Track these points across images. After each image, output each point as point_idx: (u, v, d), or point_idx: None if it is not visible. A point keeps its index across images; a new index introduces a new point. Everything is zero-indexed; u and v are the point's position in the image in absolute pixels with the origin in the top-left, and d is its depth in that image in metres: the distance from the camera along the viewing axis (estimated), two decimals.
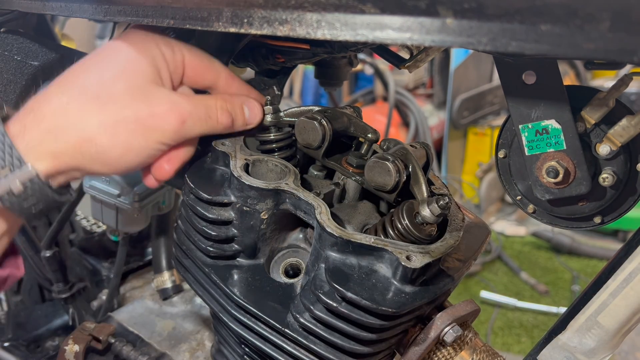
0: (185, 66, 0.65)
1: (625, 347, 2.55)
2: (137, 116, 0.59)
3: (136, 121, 0.59)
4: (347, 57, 0.91)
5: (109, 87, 0.59)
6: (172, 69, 0.64)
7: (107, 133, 0.59)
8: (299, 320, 0.59)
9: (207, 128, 0.65)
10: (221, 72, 0.68)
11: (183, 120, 0.62)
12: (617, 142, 0.57)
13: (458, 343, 0.64)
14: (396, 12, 0.40)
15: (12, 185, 0.57)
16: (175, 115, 0.61)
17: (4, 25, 0.87)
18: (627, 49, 0.33)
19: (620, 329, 0.60)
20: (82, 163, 0.60)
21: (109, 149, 0.59)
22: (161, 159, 0.64)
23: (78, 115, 0.58)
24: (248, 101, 0.70)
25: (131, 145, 0.60)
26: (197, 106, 0.64)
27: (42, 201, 0.60)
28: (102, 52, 0.63)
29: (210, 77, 0.67)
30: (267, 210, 0.64)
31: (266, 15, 0.47)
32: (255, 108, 0.70)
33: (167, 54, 0.63)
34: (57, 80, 0.62)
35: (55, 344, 1.32)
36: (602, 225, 0.65)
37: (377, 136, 0.69)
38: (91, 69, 0.61)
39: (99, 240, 1.40)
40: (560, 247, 3.49)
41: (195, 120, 0.63)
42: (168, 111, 0.61)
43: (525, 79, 0.58)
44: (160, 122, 0.60)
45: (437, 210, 0.58)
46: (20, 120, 0.59)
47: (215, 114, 0.65)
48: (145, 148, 0.61)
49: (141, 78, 0.60)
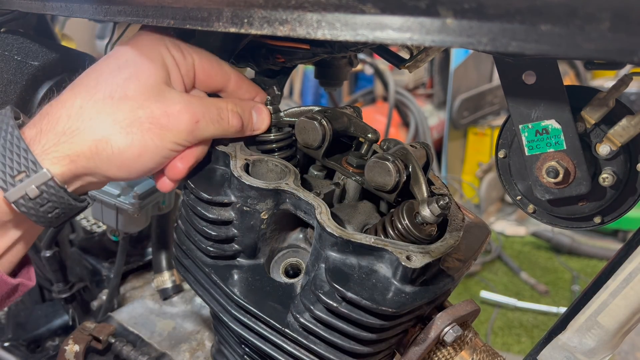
0: (196, 69, 0.65)
1: (625, 347, 2.55)
2: (152, 116, 0.59)
3: (151, 121, 0.59)
4: (347, 57, 0.91)
5: (123, 88, 0.59)
6: (184, 72, 0.64)
7: (122, 133, 0.59)
8: (299, 320, 0.59)
9: (220, 130, 0.65)
10: (231, 75, 0.68)
11: (196, 120, 0.62)
12: (617, 142, 0.57)
13: (458, 343, 0.64)
14: (396, 12, 0.40)
15: (27, 189, 0.57)
16: (189, 115, 0.61)
17: (4, 25, 0.87)
18: (627, 49, 0.33)
19: (620, 329, 0.60)
20: (98, 166, 0.60)
21: (124, 150, 0.59)
22: (174, 159, 0.64)
23: (93, 116, 0.58)
24: (257, 107, 0.70)
25: (147, 145, 0.60)
26: (210, 108, 0.64)
27: (59, 207, 0.60)
28: (114, 55, 0.63)
29: (220, 80, 0.68)
30: (267, 210, 0.64)
31: (266, 15, 0.47)
32: (263, 114, 0.70)
33: (178, 58, 0.63)
34: (71, 85, 0.62)
35: (55, 344, 1.32)
36: (602, 225, 0.65)
37: (377, 136, 0.69)
38: (104, 72, 0.61)
39: (99, 240, 1.40)
40: (560, 247, 3.49)
41: (208, 122, 0.63)
42: (182, 111, 0.61)
43: (525, 79, 0.58)
44: (175, 122, 0.61)
45: (437, 210, 0.58)
46: (35, 125, 0.59)
47: (227, 116, 0.65)
48: (161, 148, 0.61)
49: (154, 79, 0.61)
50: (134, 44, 0.63)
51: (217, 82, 0.68)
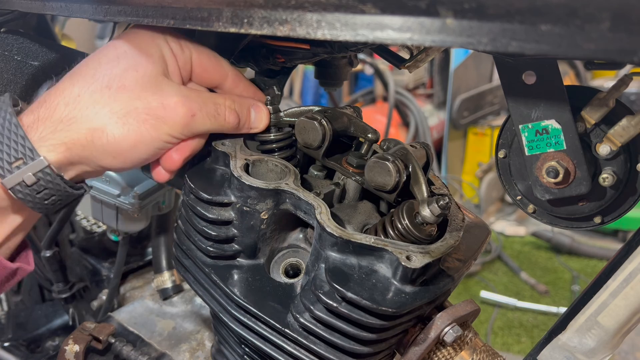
0: (193, 63, 0.65)
1: (625, 347, 2.55)
2: (148, 107, 0.60)
3: (147, 112, 0.60)
4: (347, 57, 0.91)
5: (120, 78, 0.60)
6: (182, 65, 0.64)
7: (119, 123, 0.59)
8: (299, 320, 0.59)
9: (216, 125, 0.65)
10: (228, 72, 0.68)
11: (193, 114, 0.62)
12: (617, 142, 0.57)
13: (458, 343, 0.64)
14: (396, 12, 0.40)
15: (24, 176, 0.57)
16: (186, 108, 0.61)
17: (4, 25, 0.87)
18: (627, 49, 0.33)
19: (620, 329, 0.60)
20: (93, 154, 0.60)
21: (120, 139, 0.59)
22: (170, 150, 0.65)
23: (90, 105, 0.59)
24: (256, 105, 0.70)
25: (142, 135, 0.60)
26: (207, 102, 0.64)
27: (56, 194, 0.60)
28: (113, 45, 0.63)
29: (217, 76, 0.68)
30: (267, 210, 0.64)
31: (266, 15, 0.47)
32: (261, 112, 0.70)
33: (176, 50, 0.63)
34: (69, 73, 0.62)
35: (55, 344, 1.32)
36: (602, 225, 0.65)
37: (377, 136, 0.69)
38: (102, 62, 0.61)
39: (99, 240, 1.40)
40: (560, 247, 3.49)
41: (205, 116, 0.63)
42: (178, 103, 0.61)
43: (525, 79, 0.58)
44: (171, 114, 0.61)
45: (437, 210, 0.58)
46: (33, 112, 0.60)
47: (224, 112, 0.66)
48: (156, 139, 0.61)
49: (152, 70, 0.61)
50: (133, 35, 0.63)
51: (214, 78, 0.68)
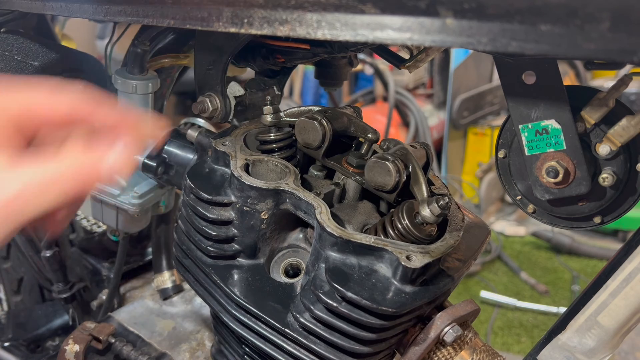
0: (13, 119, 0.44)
1: (625, 347, 2.55)
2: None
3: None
4: (347, 57, 0.91)
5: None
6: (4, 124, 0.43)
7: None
8: (299, 320, 0.59)
9: (47, 204, 0.43)
10: (70, 109, 0.45)
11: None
12: (617, 142, 0.57)
13: (458, 343, 0.64)
14: (396, 12, 0.40)
15: None
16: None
17: (4, 25, 0.87)
18: (627, 49, 0.33)
19: (620, 329, 0.60)
20: None
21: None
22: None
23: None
24: (112, 146, 0.46)
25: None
26: (29, 182, 0.43)
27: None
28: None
29: (58, 119, 0.45)
30: (267, 210, 0.64)
31: (266, 15, 0.47)
32: (121, 154, 0.46)
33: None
34: None
35: (55, 344, 1.32)
36: (602, 225, 0.65)
37: (377, 136, 0.69)
38: None
39: (99, 240, 1.40)
40: (560, 247, 3.49)
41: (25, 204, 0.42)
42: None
43: (525, 79, 0.58)
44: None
45: (437, 210, 0.58)
46: None
47: (56, 188, 0.44)
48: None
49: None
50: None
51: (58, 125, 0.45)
